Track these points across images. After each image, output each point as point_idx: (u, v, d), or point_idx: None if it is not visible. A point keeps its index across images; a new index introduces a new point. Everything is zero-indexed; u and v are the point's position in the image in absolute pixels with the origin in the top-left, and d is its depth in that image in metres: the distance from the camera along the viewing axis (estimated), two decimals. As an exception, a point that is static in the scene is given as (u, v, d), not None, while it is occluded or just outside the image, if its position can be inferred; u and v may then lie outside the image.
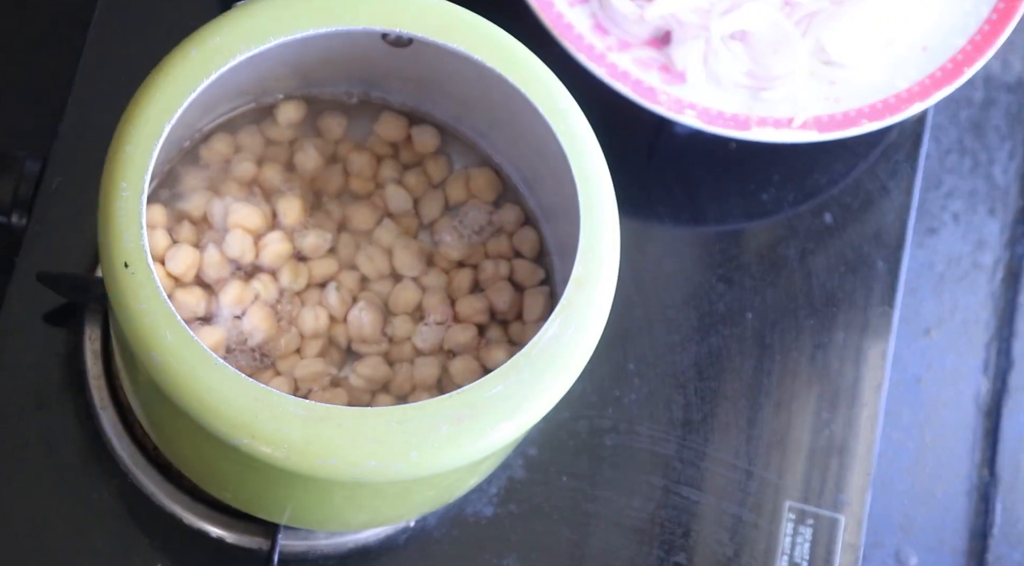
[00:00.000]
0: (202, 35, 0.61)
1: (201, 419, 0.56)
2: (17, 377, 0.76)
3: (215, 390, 0.56)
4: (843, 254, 0.84)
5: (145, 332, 0.57)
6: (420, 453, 0.57)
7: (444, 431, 0.57)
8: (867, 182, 0.86)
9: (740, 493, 0.79)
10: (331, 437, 0.56)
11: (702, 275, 0.83)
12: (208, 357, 0.56)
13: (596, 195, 0.62)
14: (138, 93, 0.61)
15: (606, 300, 0.61)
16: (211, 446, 0.59)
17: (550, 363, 0.59)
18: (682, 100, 0.81)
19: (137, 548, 0.74)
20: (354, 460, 0.56)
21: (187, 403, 0.56)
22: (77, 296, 0.76)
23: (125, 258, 0.57)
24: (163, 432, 0.68)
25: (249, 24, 0.61)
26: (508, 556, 0.76)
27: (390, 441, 0.57)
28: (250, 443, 0.56)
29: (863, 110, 0.81)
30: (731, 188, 0.85)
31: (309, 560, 0.75)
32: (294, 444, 0.56)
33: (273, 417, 0.56)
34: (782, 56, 0.82)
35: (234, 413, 0.56)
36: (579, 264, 0.61)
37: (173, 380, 0.56)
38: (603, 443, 0.79)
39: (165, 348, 0.56)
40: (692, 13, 0.82)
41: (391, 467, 0.57)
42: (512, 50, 0.63)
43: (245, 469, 0.61)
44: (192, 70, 0.60)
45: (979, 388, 0.92)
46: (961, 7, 0.84)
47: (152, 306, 0.57)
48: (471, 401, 0.58)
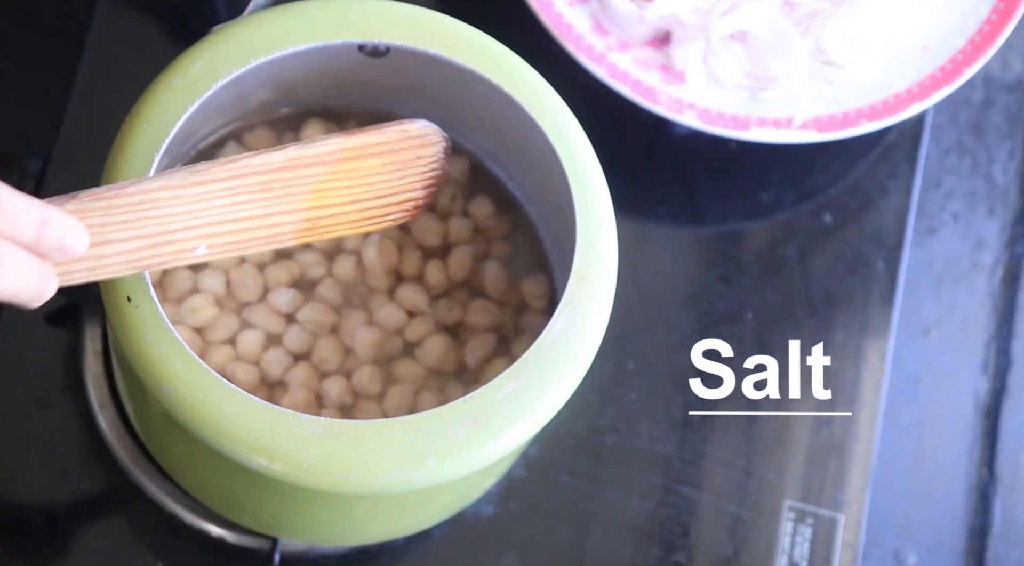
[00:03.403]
0: (182, 63, 0.61)
1: (218, 445, 0.57)
2: (17, 377, 0.76)
3: (230, 415, 0.56)
4: (842, 254, 0.84)
5: (155, 364, 0.57)
6: (439, 460, 0.57)
7: (461, 435, 0.57)
8: (866, 182, 0.86)
9: (740, 492, 0.79)
10: (350, 452, 0.56)
11: (702, 275, 0.83)
12: (220, 383, 0.56)
13: (589, 187, 0.62)
14: (123, 127, 0.60)
15: (608, 290, 0.61)
16: (229, 471, 0.59)
17: (559, 358, 0.59)
18: (682, 100, 0.81)
19: (137, 548, 0.74)
20: (374, 472, 0.57)
21: (203, 431, 0.57)
22: (77, 297, 0.76)
23: (127, 292, 0.57)
24: (176, 460, 0.68)
25: (228, 48, 0.61)
26: (508, 556, 0.76)
27: (408, 450, 0.57)
28: (268, 464, 0.56)
29: (862, 110, 0.81)
30: (731, 188, 0.85)
31: (309, 560, 0.75)
32: (314, 462, 0.56)
33: (290, 437, 0.56)
34: (782, 56, 0.82)
35: (251, 436, 0.56)
36: (578, 258, 0.61)
37: (187, 410, 0.57)
38: (603, 443, 0.79)
39: (177, 378, 0.56)
40: (692, 13, 0.82)
41: (412, 476, 0.57)
42: (491, 50, 0.63)
43: (264, 491, 0.61)
44: (176, 98, 0.60)
45: (978, 388, 0.92)
46: (961, 7, 0.84)
47: (159, 337, 0.57)
48: (485, 403, 0.58)
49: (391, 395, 0.64)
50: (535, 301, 0.67)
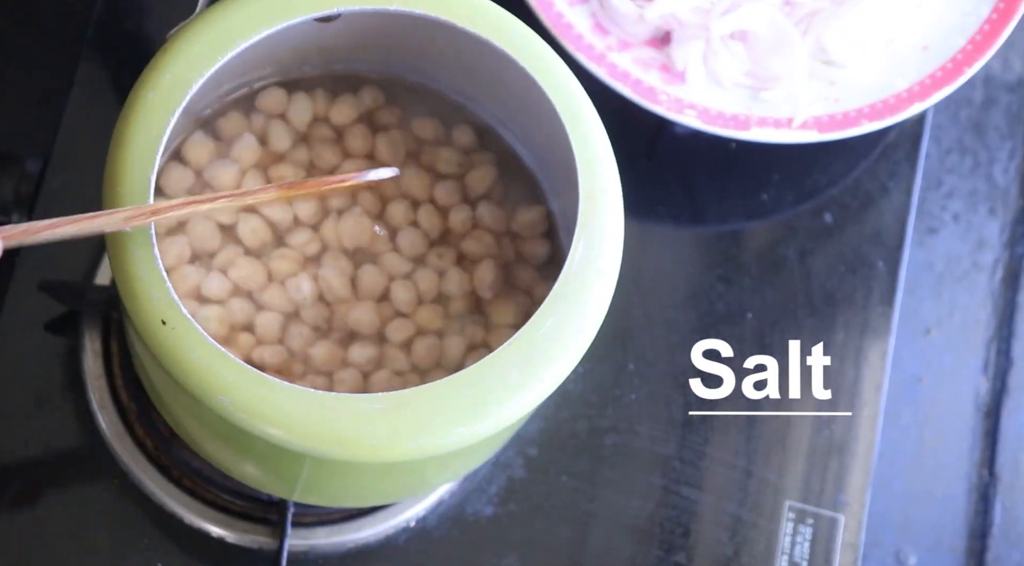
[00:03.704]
0: (152, 76, 0.61)
1: (285, 442, 0.57)
2: (17, 377, 0.76)
3: (293, 412, 0.57)
4: (843, 254, 0.84)
5: (207, 380, 0.57)
6: (500, 406, 0.58)
7: (515, 378, 0.59)
8: (867, 182, 0.86)
9: (740, 493, 0.79)
10: (415, 420, 0.57)
11: (702, 275, 0.83)
12: (275, 384, 0.57)
13: (586, 131, 0.63)
14: (110, 157, 0.61)
15: (617, 209, 0.62)
16: (295, 462, 0.60)
17: (587, 282, 0.60)
18: (682, 100, 0.81)
19: (137, 548, 0.74)
20: (442, 434, 0.58)
21: (268, 432, 0.57)
22: (76, 303, 0.76)
23: (161, 316, 0.57)
24: (227, 457, 0.68)
25: (201, 43, 0.62)
26: (508, 556, 0.76)
27: (469, 405, 0.58)
28: (339, 451, 0.57)
29: (863, 110, 0.81)
30: (731, 188, 0.85)
31: (309, 560, 0.75)
32: (382, 437, 0.57)
33: (355, 420, 0.57)
34: (782, 56, 0.82)
35: (318, 428, 0.57)
36: (583, 180, 0.62)
37: (248, 415, 0.57)
38: (603, 443, 0.79)
39: (231, 389, 0.57)
40: (692, 13, 0.82)
41: (478, 429, 0.58)
42: (493, 12, 0.64)
43: (331, 474, 0.63)
44: (157, 110, 0.60)
45: (979, 388, 0.91)
46: (961, 7, 0.84)
47: (203, 353, 0.57)
48: (531, 341, 0.59)
49: (417, 347, 0.65)
50: (532, 230, 0.68)
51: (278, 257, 0.65)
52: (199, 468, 0.74)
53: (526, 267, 0.67)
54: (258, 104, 0.67)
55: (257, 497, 0.75)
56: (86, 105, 0.80)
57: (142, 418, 0.75)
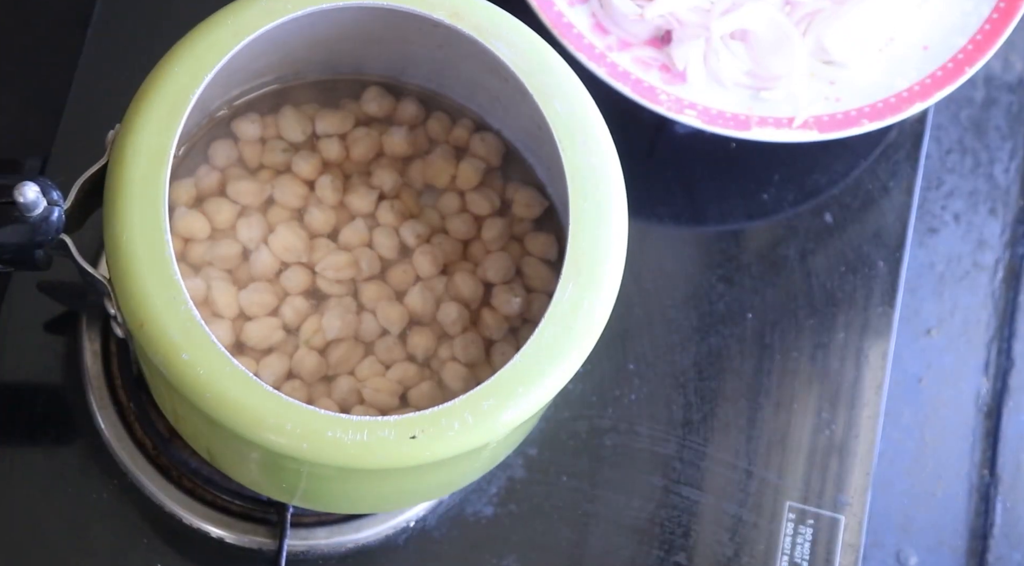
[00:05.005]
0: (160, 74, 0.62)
1: (320, 462, 0.57)
2: (17, 377, 0.76)
3: (345, 445, 0.57)
4: (843, 254, 0.84)
5: (247, 414, 0.57)
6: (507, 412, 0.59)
7: (520, 391, 0.60)
8: (867, 182, 0.86)
9: (740, 493, 0.79)
10: (454, 432, 0.58)
11: (702, 275, 0.83)
12: (316, 415, 0.57)
13: (590, 135, 0.63)
14: (108, 187, 0.61)
15: (621, 215, 0.62)
16: (326, 478, 0.61)
17: (601, 259, 0.61)
18: (682, 100, 0.81)
19: (137, 548, 0.74)
20: (477, 440, 0.59)
21: (314, 459, 0.57)
22: (76, 303, 0.76)
23: (181, 352, 0.57)
24: (246, 470, 0.68)
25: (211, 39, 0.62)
26: (508, 556, 0.76)
27: (492, 414, 0.59)
28: (382, 461, 0.58)
29: (863, 110, 0.81)
30: (731, 188, 0.85)
31: (309, 560, 0.75)
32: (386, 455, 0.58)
33: (397, 436, 0.58)
34: (783, 55, 0.81)
35: (373, 456, 0.57)
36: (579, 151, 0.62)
37: (292, 448, 0.57)
38: (603, 443, 0.79)
39: (273, 427, 0.57)
40: (692, 12, 0.82)
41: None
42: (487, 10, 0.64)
43: (358, 485, 0.64)
44: (162, 122, 0.61)
45: (979, 388, 0.91)
46: (962, 7, 0.84)
47: (233, 384, 0.57)
48: (559, 323, 0.60)
49: (459, 343, 0.66)
50: (527, 211, 0.68)
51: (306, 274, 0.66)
52: (198, 468, 0.74)
53: (536, 264, 0.68)
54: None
55: (257, 497, 0.75)
56: (85, 105, 0.80)
57: (142, 418, 0.75)
